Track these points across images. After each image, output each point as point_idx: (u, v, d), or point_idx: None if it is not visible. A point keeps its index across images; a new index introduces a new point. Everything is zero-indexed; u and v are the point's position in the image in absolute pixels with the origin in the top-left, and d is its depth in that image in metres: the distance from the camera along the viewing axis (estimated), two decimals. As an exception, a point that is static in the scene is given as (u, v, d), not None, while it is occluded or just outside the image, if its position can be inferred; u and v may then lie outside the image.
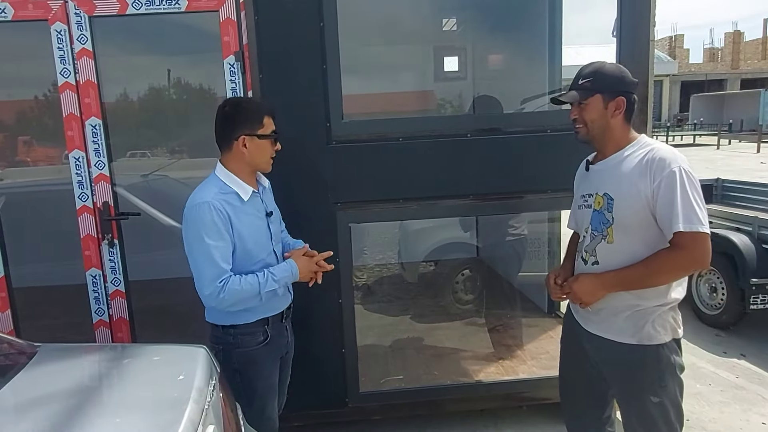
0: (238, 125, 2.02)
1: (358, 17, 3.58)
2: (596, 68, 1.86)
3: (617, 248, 1.83)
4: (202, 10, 2.62)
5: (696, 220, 1.68)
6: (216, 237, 1.91)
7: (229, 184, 2.02)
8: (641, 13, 2.76)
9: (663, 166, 1.72)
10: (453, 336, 4.01)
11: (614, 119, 1.84)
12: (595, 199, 1.89)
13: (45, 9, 2.58)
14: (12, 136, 3.70)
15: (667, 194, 1.70)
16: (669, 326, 1.84)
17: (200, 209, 1.91)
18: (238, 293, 1.92)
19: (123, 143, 3.15)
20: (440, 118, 4.63)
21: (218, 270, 1.90)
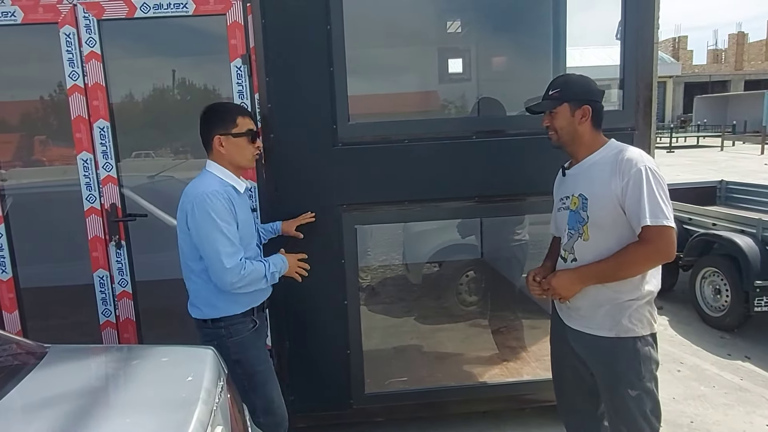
0: (212, 126, 2.17)
1: (363, 19, 3.59)
2: (564, 80, 2.07)
3: (592, 244, 1.96)
4: (210, 13, 2.64)
5: (661, 214, 1.81)
6: (229, 221, 2.06)
7: (225, 179, 2.17)
8: (645, 16, 2.77)
9: (630, 165, 1.87)
10: (456, 338, 4.02)
11: (581, 126, 2.01)
12: (571, 200, 2.05)
13: (54, 12, 2.60)
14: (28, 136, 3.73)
15: (635, 191, 1.84)
16: (645, 320, 1.95)
17: (213, 197, 2.04)
18: (253, 272, 2.08)
19: (128, 144, 3.17)
20: (445, 120, 4.64)
21: (237, 249, 2.06)
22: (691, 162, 17.11)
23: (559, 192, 2.20)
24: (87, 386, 1.59)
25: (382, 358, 3.64)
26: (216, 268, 2.03)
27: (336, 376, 2.94)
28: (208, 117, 2.19)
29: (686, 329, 4.71)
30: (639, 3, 2.74)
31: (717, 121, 27.62)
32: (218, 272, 2.03)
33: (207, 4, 2.64)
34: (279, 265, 2.23)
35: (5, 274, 2.81)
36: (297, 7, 2.63)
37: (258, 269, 2.11)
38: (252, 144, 2.22)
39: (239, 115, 2.19)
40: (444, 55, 5.41)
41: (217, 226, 2.02)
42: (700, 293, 4.88)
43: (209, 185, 2.08)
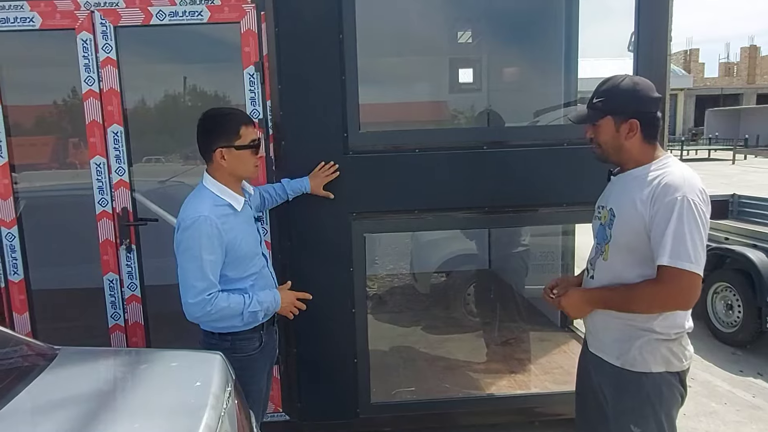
0: (214, 138, 2.04)
1: (376, 29, 3.61)
2: (610, 86, 1.77)
3: (610, 266, 1.80)
4: (224, 21, 2.66)
5: (684, 255, 1.59)
6: (209, 251, 1.94)
7: (222, 196, 2.05)
8: (658, 29, 2.76)
9: (666, 192, 1.64)
10: (464, 348, 3.99)
11: (629, 141, 1.75)
12: (603, 212, 1.87)
13: (72, 18, 2.64)
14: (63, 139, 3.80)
15: (661, 223, 1.63)
16: (660, 356, 1.74)
17: (197, 223, 1.93)
18: (224, 310, 1.97)
19: (139, 149, 3.19)
20: (456, 129, 4.65)
21: (208, 283, 1.94)
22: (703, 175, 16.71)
23: (600, 197, 1.99)
24: (96, 389, 1.60)
25: (389, 368, 3.63)
26: (183, 299, 1.95)
27: (343, 385, 2.93)
28: (208, 127, 2.06)
29: (697, 344, 4.59)
30: (652, 16, 2.74)
31: (729, 134, 27.42)
32: (184, 304, 1.95)
33: (222, 13, 2.67)
34: (266, 303, 2.10)
35: (17, 275, 2.84)
36: (310, 15, 2.65)
37: (232, 307, 1.98)
38: (255, 155, 2.10)
39: (243, 125, 2.06)
40: (455, 65, 5.43)
41: (195, 258, 1.92)
42: (711, 308, 4.82)
43: (199, 208, 1.96)
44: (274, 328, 2.31)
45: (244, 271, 2.09)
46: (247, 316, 2.04)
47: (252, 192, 2.30)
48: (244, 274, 2.10)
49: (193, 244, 1.93)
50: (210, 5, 2.66)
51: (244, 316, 2.02)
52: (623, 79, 1.77)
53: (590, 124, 1.82)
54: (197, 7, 2.65)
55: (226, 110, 2.16)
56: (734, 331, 4.58)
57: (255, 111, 2.72)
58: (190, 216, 1.96)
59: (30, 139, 3.73)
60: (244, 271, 2.09)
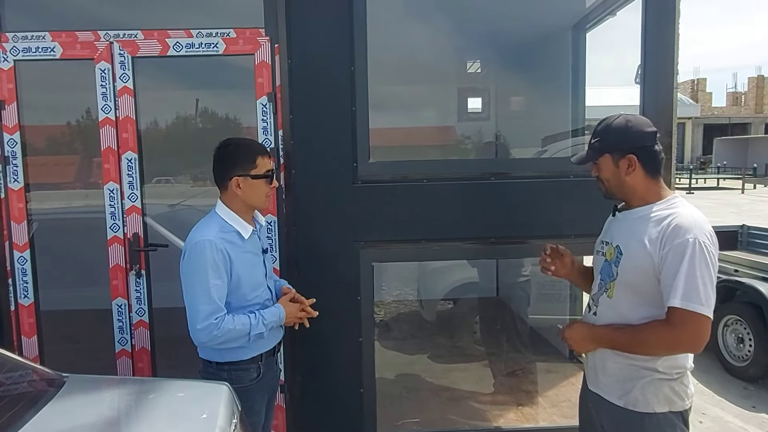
0: (230, 167, 2.07)
1: (387, 59, 3.69)
2: (604, 126, 1.83)
3: (615, 304, 1.79)
4: (239, 53, 2.74)
5: (695, 298, 1.58)
6: (215, 275, 1.96)
7: (231, 223, 2.07)
8: (665, 61, 2.80)
9: (676, 234, 1.63)
10: (470, 378, 3.95)
11: (630, 177, 1.77)
12: (609, 249, 1.86)
13: (92, 49, 2.72)
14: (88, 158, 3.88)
15: (672, 265, 1.62)
16: (663, 396, 1.72)
17: (203, 247, 1.95)
18: (230, 332, 1.97)
19: (150, 170, 3.23)
20: (464, 161, 4.70)
21: (215, 307, 1.95)
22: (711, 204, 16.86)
23: (603, 233, 1.99)
24: (104, 419, 1.60)
25: (394, 397, 3.60)
26: (189, 324, 1.96)
27: (348, 415, 2.91)
28: (226, 156, 2.09)
29: (708, 378, 4.58)
30: (658, 49, 2.78)
31: (737, 163, 27.34)
32: (191, 329, 1.96)
33: (237, 45, 2.74)
34: (272, 321, 2.10)
35: (27, 299, 2.86)
36: (323, 48, 2.71)
37: (238, 328, 1.98)
38: (269, 185, 2.13)
39: (259, 155, 2.09)
40: (463, 94, 5.51)
41: (201, 282, 1.94)
42: (722, 341, 4.75)
43: (205, 233, 1.99)
44: (274, 359, 2.27)
45: (246, 300, 2.09)
46: (254, 338, 2.04)
47: (263, 224, 2.31)
48: (247, 303, 2.09)
49: (199, 268, 1.94)
50: (225, 38, 2.73)
51: (251, 337, 2.03)
52: (616, 118, 1.83)
53: (593, 163, 1.86)
54: (213, 39, 2.73)
55: (245, 140, 2.21)
56: (746, 365, 4.50)
57: (267, 140, 2.77)
58: (195, 240, 1.98)
59: (51, 158, 3.82)
60: (247, 301, 2.09)
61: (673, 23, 2.80)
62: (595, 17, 3.98)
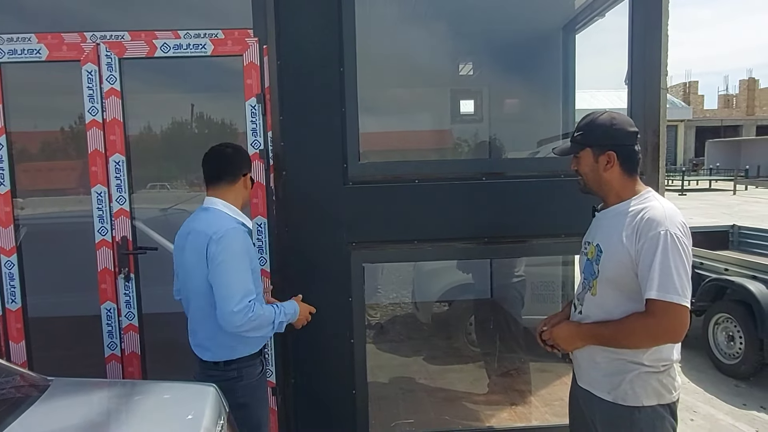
0: (244, 164, 2.25)
1: (377, 61, 3.69)
2: (588, 121, 1.87)
3: (599, 301, 1.82)
4: (227, 54, 2.72)
5: (671, 288, 1.62)
6: (247, 261, 2.06)
7: (237, 217, 2.16)
8: (652, 63, 2.81)
9: (649, 227, 1.68)
10: (465, 379, 3.95)
11: (607, 173, 1.82)
12: (590, 248, 1.90)
13: (78, 51, 2.70)
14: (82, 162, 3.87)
15: (647, 258, 1.66)
16: (651, 389, 1.75)
17: (235, 234, 2.04)
18: (261, 317, 2.02)
19: (143, 175, 3.23)
20: (456, 161, 4.70)
21: (248, 290, 2.01)
22: (703, 205, 16.98)
23: (586, 233, 2.02)
24: (88, 422, 1.57)
25: (388, 399, 3.58)
26: (225, 309, 1.96)
27: (341, 416, 2.89)
28: (236, 154, 2.23)
29: (699, 376, 4.59)
30: (645, 50, 2.79)
31: (730, 165, 27.54)
32: (226, 314, 1.96)
33: (225, 46, 2.73)
34: (290, 314, 2.19)
35: (14, 304, 2.83)
36: (312, 49, 2.71)
37: (266, 315, 2.05)
38: None
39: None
40: (456, 96, 5.52)
41: (235, 266, 2.00)
42: (713, 339, 4.77)
43: (228, 222, 2.07)
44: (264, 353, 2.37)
45: (257, 286, 2.15)
46: (278, 326, 2.12)
47: None
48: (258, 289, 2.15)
49: (235, 252, 2.01)
50: (213, 38, 2.72)
51: (275, 325, 2.10)
52: (601, 114, 1.87)
53: (574, 156, 1.91)
54: (201, 40, 2.71)
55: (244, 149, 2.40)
56: (736, 363, 4.52)
57: (256, 142, 2.76)
58: (224, 229, 2.03)
59: (45, 164, 3.79)
60: (257, 287, 2.15)
61: (660, 24, 2.81)
62: (584, 18, 4.00)
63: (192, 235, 2.08)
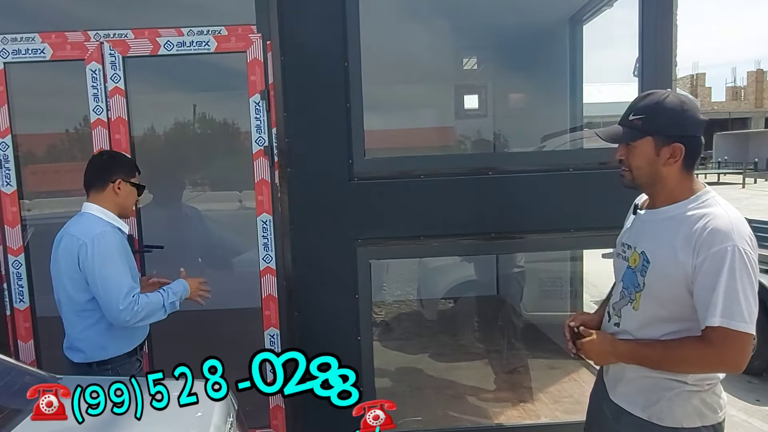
0: (116, 169, 2.26)
1: (381, 56, 3.67)
2: (652, 103, 1.53)
3: (640, 318, 1.60)
4: (231, 51, 2.71)
5: (738, 315, 1.39)
6: (123, 259, 2.14)
7: (109, 220, 2.22)
8: (663, 54, 2.77)
9: (713, 240, 1.42)
10: (472, 376, 3.92)
11: (667, 168, 1.53)
12: (632, 255, 1.64)
13: (82, 50, 2.70)
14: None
15: (709, 276, 1.41)
16: (692, 409, 1.54)
17: (105, 236, 2.11)
18: (148, 305, 2.11)
19: (145, 175, 3.22)
20: (462, 156, 4.66)
21: (130, 286, 2.10)
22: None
23: (624, 233, 1.76)
24: (97, 420, 1.57)
25: (396, 396, 3.56)
26: (112, 309, 2.05)
27: (348, 414, 2.86)
28: (109, 161, 2.30)
29: (712, 372, 4.54)
30: (656, 42, 2.75)
31: (738, 158, 27.34)
32: (114, 313, 2.06)
33: (228, 42, 2.71)
34: (180, 291, 2.25)
35: (23, 303, 2.84)
36: (316, 44, 2.68)
37: (154, 302, 2.13)
38: (138, 197, 2.36)
39: (137, 170, 2.35)
40: (460, 92, 5.48)
41: (111, 266, 2.08)
42: (725, 334, 4.71)
43: (99, 226, 2.14)
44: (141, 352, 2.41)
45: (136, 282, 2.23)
46: (169, 308, 2.18)
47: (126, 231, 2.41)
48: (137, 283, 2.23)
49: (109, 254, 2.09)
50: (217, 35, 2.71)
51: (166, 308, 2.17)
52: (667, 96, 1.54)
53: (624, 144, 1.59)
54: (204, 37, 2.70)
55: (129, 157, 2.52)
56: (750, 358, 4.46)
57: (261, 138, 2.75)
58: (97, 233, 2.11)
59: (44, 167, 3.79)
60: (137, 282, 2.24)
61: (671, 13, 2.77)
62: (592, 9, 3.95)
63: (65, 239, 2.15)
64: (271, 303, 2.85)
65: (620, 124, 1.60)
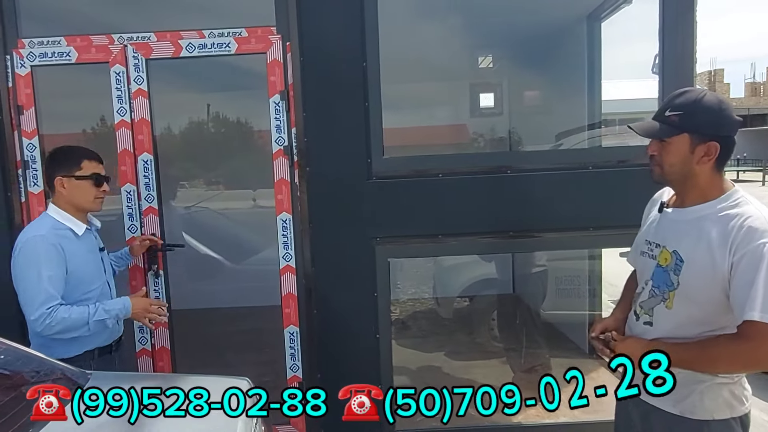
0: (55, 168, 2.22)
1: (398, 55, 3.68)
2: (690, 100, 1.54)
3: (674, 317, 1.60)
4: (251, 52, 2.74)
5: None
6: (48, 267, 2.06)
7: (62, 221, 2.19)
8: (684, 51, 2.74)
9: (750, 237, 1.45)
10: (489, 374, 3.92)
11: (700, 166, 1.54)
12: (662, 253, 1.64)
13: (106, 52, 2.75)
14: None
15: (747, 273, 1.43)
16: (723, 401, 1.58)
17: (35, 241, 2.07)
18: (65, 321, 2.03)
19: (164, 175, 3.26)
20: (480, 154, 4.66)
21: (47, 296, 2.03)
22: None
23: (648, 231, 1.76)
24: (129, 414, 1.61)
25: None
26: (26, 314, 2.05)
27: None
28: (50, 159, 2.26)
29: (732, 372, 4.48)
30: (677, 38, 2.73)
31: (757, 155, 26.89)
32: (29, 322, 2.06)
33: (249, 44, 2.75)
34: (115, 310, 2.16)
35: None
36: (334, 45, 2.71)
37: (74, 318, 2.05)
38: (97, 187, 2.24)
39: (85, 159, 2.23)
40: (475, 90, 5.47)
41: (33, 274, 2.03)
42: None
43: (38, 229, 2.12)
44: (111, 357, 2.30)
45: (83, 293, 2.18)
46: (93, 325, 2.10)
47: (98, 225, 2.40)
48: (84, 296, 2.18)
49: (32, 261, 2.05)
50: (237, 37, 2.75)
51: (90, 326, 2.09)
52: (705, 94, 1.56)
53: (657, 140, 1.60)
54: (225, 39, 2.74)
55: (71, 146, 2.36)
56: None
57: (280, 138, 2.78)
58: (27, 237, 2.10)
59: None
60: (84, 294, 2.18)
61: (692, 9, 2.75)
62: (611, 6, 3.92)
63: None
64: (291, 301, 2.88)
65: (656, 119, 1.60)
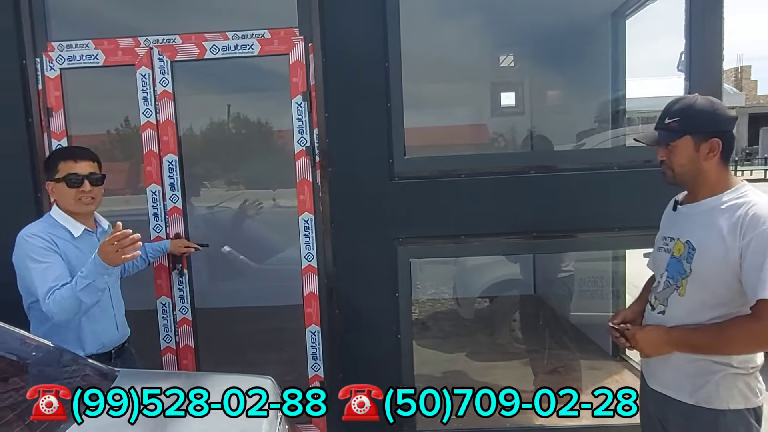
0: (45, 174, 2.29)
1: (419, 55, 3.67)
2: (684, 106, 1.70)
3: (687, 303, 1.70)
4: (274, 53, 2.76)
5: None
6: (43, 258, 2.09)
7: (60, 221, 2.22)
8: (712, 46, 2.69)
9: (756, 222, 1.56)
10: (511, 376, 3.89)
11: (707, 162, 1.68)
12: (676, 245, 1.75)
13: (132, 55, 2.79)
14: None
15: (756, 256, 1.54)
16: (737, 391, 1.64)
17: (27, 240, 2.11)
18: (60, 300, 2.01)
19: (188, 175, 3.29)
20: (502, 155, 4.62)
21: (49, 286, 2.04)
22: None
23: (664, 228, 1.89)
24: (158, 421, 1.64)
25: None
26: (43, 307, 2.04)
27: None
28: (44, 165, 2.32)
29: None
30: (704, 36, 2.67)
31: (787, 152, 26.18)
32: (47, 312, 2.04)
33: (271, 45, 2.77)
34: (88, 269, 2.00)
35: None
36: (357, 46, 2.71)
37: (65, 295, 2.01)
38: (73, 188, 2.17)
39: (61, 161, 2.20)
40: (497, 89, 5.43)
41: (33, 269, 2.07)
42: None
43: (31, 229, 2.16)
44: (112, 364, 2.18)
45: None
46: (85, 296, 2.00)
47: (105, 227, 2.37)
48: None
49: (27, 258, 2.08)
50: (260, 38, 2.77)
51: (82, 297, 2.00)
52: (696, 98, 1.71)
53: (663, 146, 1.73)
54: (248, 41, 2.76)
55: (55, 150, 2.44)
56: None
57: (303, 139, 2.79)
58: (20, 235, 2.14)
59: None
60: None
61: (720, 7, 2.69)
62: (636, 3, 3.86)
63: None
64: (313, 301, 2.89)
65: (657, 128, 1.76)
